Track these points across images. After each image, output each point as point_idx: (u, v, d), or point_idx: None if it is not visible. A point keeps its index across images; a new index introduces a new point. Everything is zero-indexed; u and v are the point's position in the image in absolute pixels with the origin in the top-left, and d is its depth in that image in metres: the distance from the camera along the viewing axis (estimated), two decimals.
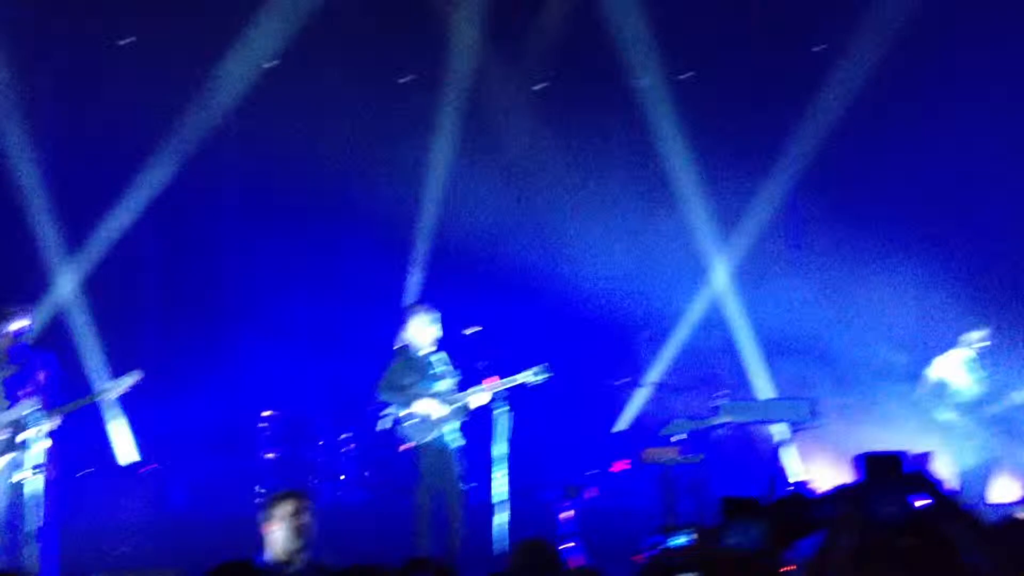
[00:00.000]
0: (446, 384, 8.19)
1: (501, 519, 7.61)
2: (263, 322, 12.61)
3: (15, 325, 7.50)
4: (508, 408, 7.77)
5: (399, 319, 8.51)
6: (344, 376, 11.78)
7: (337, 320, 12.20)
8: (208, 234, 12.67)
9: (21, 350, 7.52)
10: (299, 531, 5.34)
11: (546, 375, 8.01)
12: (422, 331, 8.23)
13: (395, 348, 8.47)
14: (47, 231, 11.39)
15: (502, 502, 7.66)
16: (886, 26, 11.71)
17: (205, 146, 12.14)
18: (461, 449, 8.15)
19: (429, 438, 8.01)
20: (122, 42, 11.67)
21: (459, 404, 8.08)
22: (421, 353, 8.25)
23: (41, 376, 7.52)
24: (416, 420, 8.05)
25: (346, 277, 12.94)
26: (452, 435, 8.11)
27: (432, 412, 8.05)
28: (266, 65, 12.10)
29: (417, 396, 8.09)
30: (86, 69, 11.63)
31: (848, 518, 2.94)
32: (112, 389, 7.65)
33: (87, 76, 11.62)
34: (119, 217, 11.78)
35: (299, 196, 12.55)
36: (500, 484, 7.72)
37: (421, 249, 12.95)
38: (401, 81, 12.85)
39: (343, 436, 11.17)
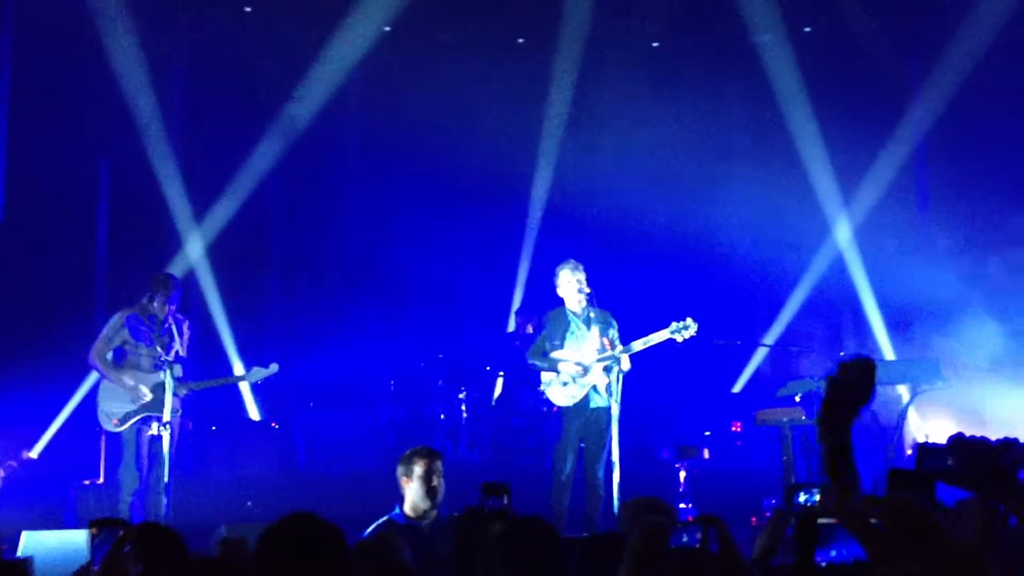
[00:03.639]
0: (593, 345, 7.90)
1: (616, 479, 7.57)
2: (382, 283, 12.83)
3: (170, 292, 7.89)
4: (619, 369, 7.67)
5: (512, 279, 8.46)
6: (461, 335, 11.92)
7: (454, 281, 12.32)
8: (328, 198, 12.94)
9: (172, 316, 7.94)
10: (428, 491, 5.58)
11: (689, 332, 7.67)
12: (568, 288, 7.97)
13: (545, 315, 8.31)
14: (175, 197, 11.74)
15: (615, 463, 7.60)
16: None
17: (325, 112, 12.33)
18: (608, 410, 7.74)
19: (576, 399, 7.85)
20: (248, 8, 11.88)
21: (605, 364, 7.78)
22: (570, 313, 8.01)
23: (185, 339, 8.01)
24: (562, 382, 7.89)
25: (463, 238, 13.06)
26: (599, 396, 7.87)
27: (577, 373, 7.85)
28: (384, 30, 12.20)
29: (564, 358, 7.89)
30: (213, 36, 11.83)
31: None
32: (255, 375, 8.11)
33: (214, 43, 11.83)
34: (243, 182, 12.04)
35: (417, 159, 12.67)
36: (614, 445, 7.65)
37: (536, 210, 12.98)
38: (517, 42, 12.83)
39: (460, 395, 11.30)
